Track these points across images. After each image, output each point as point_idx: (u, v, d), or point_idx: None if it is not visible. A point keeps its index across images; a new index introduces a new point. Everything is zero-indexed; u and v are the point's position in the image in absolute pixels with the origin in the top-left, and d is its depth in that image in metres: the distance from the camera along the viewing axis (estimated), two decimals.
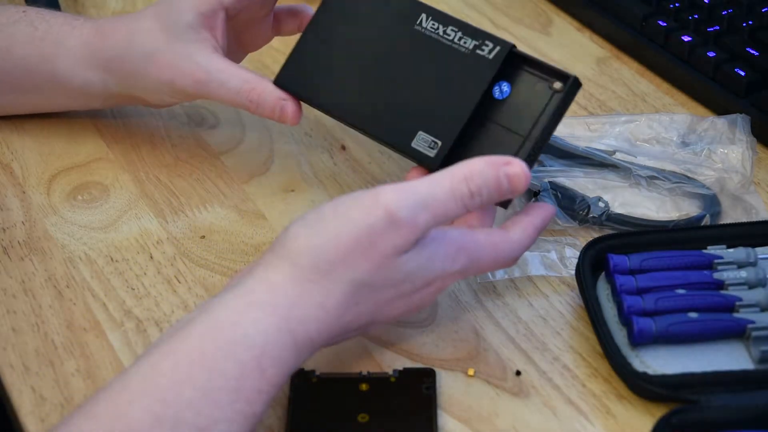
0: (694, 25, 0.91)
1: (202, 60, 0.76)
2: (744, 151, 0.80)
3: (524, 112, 0.66)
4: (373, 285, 0.60)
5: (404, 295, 0.61)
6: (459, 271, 0.62)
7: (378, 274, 0.59)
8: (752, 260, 0.69)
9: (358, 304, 0.60)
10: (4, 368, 0.67)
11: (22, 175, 0.82)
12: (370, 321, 0.62)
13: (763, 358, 0.64)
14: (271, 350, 0.57)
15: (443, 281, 0.62)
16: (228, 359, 0.56)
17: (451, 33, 0.70)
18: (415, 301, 0.62)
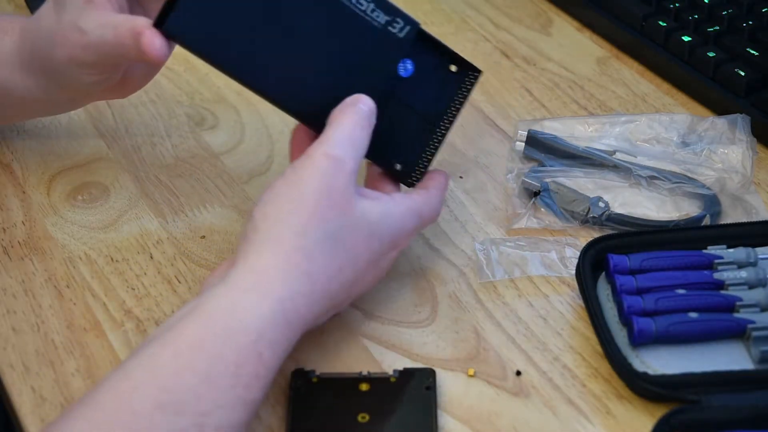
0: (694, 25, 0.91)
1: (84, 23, 0.68)
2: (744, 151, 0.80)
3: (427, 94, 0.71)
4: (345, 237, 0.63)
5: (374, 257, 0.65)
6: (411, 230, 0.67)
7: (346, 221, 0.63)
8: (752, 260, 0.69)
9: (342, 271, 0.63)
10: (4, 368, 0.67)
11: (22, 175, 0.82)
12: (351, 289, 0.64)
13: (763, 358, 0.64)
14: (267, 334, 0.58)
15: (402, 242, 0.67)
16: (226, 345, 0.57)
17: (365, 3, 0.68)
18: (383, 265, 0.67)
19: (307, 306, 0.61)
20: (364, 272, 0.65)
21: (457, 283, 0.72)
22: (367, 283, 0.67)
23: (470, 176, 0.81)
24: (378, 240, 0.65)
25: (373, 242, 0.64)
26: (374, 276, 0.67)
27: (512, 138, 0.83)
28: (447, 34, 0.98)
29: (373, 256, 0.65)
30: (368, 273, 0.66)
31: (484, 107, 0.89)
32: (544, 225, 0.76)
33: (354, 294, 0.66)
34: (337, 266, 0.62)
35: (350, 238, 0.63)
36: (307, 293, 0.61)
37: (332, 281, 0.62)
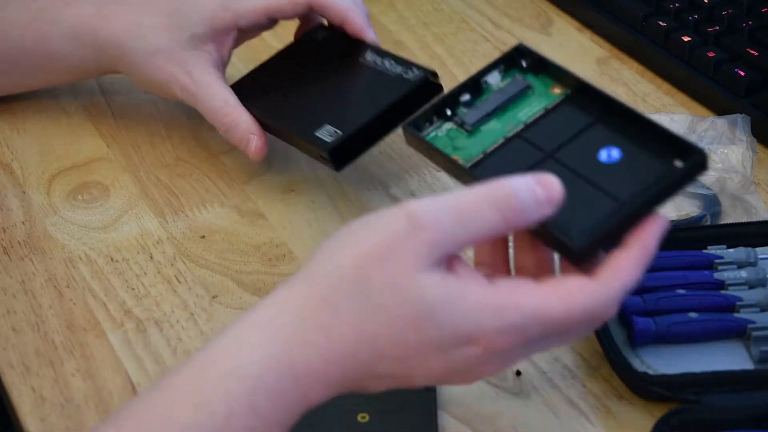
0: (694, 25, 0.91)
1: (196, 73, 0.79)
2: (744, 151, 0.80)
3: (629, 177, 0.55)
4: (387, 305, 0.51)
5: (431, 342, 0.51)
6: (498, 328, 0.51)
7: (394, 289, 0.51)
8: (752, 260, 0.69)
9: (375, 340, 0.52)
10: (4, 368, 0.67)
11: (22, 175, 0.82)
12: (399, 367, 0.53)
13: (763, 358, 0.64)
14: (266, 382, 0.51)
15: (490, 342, 0.51)
16: (217, 393, 0.51)
17: (387, 63, 0.76)
18: (459, 360, 0.52)
19: (322, 362, 0.52)
20: (418, 355, 0.52)
21: None
22: (434, 373, 0.53)
23: None
24: (433, 325, 0.51)
25: (424, 323, 0.51)
26: (445, 368, 0.52)
27: None
28: (447, 34, 0.98)
29: (426, 339, 0.51)
30: (428, 359, 0.52)
31: None
32: None
33: (411, 374, 0.53)
34: (370, 333, 0.51)
35: (394, 308, 0.51)
36: (323, 347, 0.52)
37: (361, 346, 0.52)
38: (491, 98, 0.60)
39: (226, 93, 0.79)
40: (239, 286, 0.72)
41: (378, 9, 1.01)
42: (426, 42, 0.97)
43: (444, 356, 0.52)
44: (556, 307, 0.51)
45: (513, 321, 0.51)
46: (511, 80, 0.60)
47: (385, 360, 0.52)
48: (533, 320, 0.51)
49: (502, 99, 0.59)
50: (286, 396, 0.52)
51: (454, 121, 0.60)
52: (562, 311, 0.51)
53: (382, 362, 0.52)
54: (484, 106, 0.60)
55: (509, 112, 0.59)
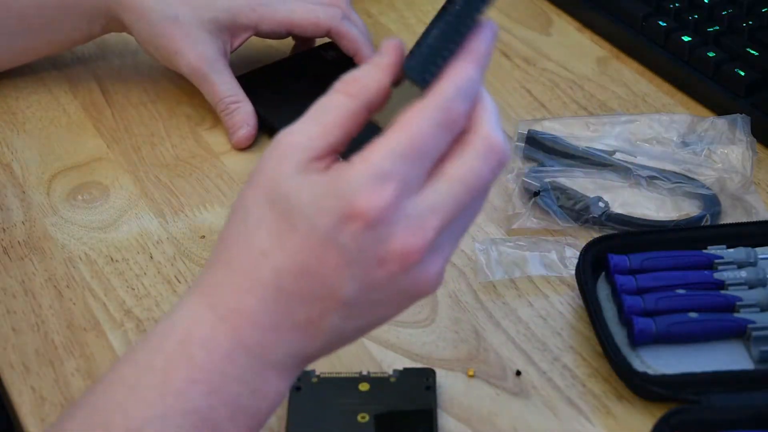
0: (694, 25, 0.91)
1: (210, 54, 0.83)
2: (744, 151, 0.80)
3: None
4: (266, 226, 0.51)
5: (323, 241, 0.51)
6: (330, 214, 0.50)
7: (261, 198, 0.52)
8: (752, 260, 0.69)
9: (268, 257, 0.52)
10: (4, 368, 0.67)
11: (22, 175, 0.82)
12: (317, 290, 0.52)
13: (763, 358, 0.64)
14: (195, 331, 0.52)
15: (369, 202, 0.50)
16: (156, 352, 0.53)
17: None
18: (357, 251, 0.51)
19: (237, 296, 0.52)
20: (318, 262, 0.51)
21: (457, 283, 0.72)
22: (352, 284, 0.52)
23: None
24: (298, 218, 0.51)
25: (293, 221, 0.51)
26: (354, 272, 0.51)
27: (512, 138, 0.83)
28: None
29: (313, 239, 0.51)
30: (328, 260, 0.51)
31: None
32: (544, 225, 0.76)
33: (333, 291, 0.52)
34: (258, 248, 0.52)
35: (266, 216, 0.52)
36: (228, 280, 0.53)
37: (262, 270, 0.52)
38: None
39: (232, 80, 0.84)
40: None
41: (378, 9, 1.01)
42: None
43: (336, 248, 0.51)
44: (403, 133, 0.50)
45: (377, 169, 0.50)
46: None
47: (287, 275, 0.52)
48: (392, 156, 0.50)
49: None
50: (217, 341, 0.52)
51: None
52: (408, 134, 0.50)
53: (287, 279, 0.52)
54: None
55: None
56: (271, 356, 0.53)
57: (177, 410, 0.52)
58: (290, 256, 0.52)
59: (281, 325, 0.53)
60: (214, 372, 0.52)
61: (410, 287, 0.53)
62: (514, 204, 0.77)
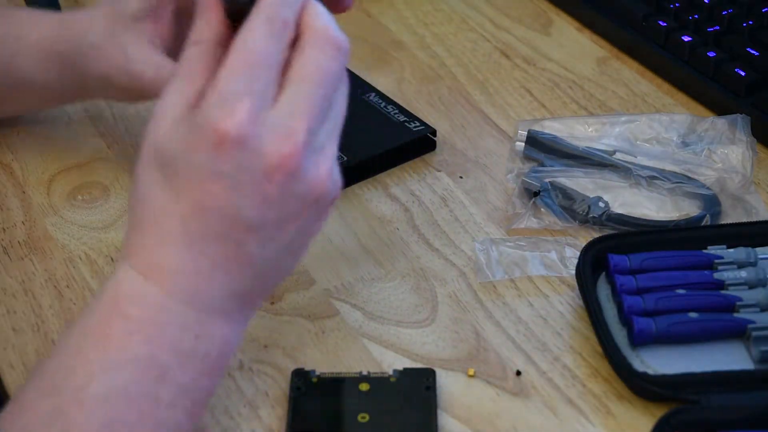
0: (694, 25, 0.91)
1: (132, 52, 0.73)
2: (744, 151, 0.80)
3: None
4: (147, 172, 0.55)
5: (199, 169, 0.53)
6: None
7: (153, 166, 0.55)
8: (752, 260, 0.69)
9: (164, 207, 0.54)
10: (4, 368, 0.67)
11: (22, 175, 0.82)
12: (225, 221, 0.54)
13: (763, 358, 0.64)
14: (125, 292, 0.55)
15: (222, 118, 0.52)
16: (90, 316, 0.55)
17: (390, 109, 0.84)
18: (229, 167, 0.53)
19: (153, 252, 0.55)
20: (208, 198, 0.54)
21: (457, 283, 0.72)
22: (250, 209, 0.54)
23: (470, 176, 0.81)
24: (173, 163, 0.54)
25: (170, 168, 0.55)
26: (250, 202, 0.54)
27: (512, 138, 0.83)
28: (447, 34, 0.98)
29: (187, 177, 0.54)
30: (217, 195, 0.54)
31: (484, 107, 0.89)
32: (544, 225, 0.76)
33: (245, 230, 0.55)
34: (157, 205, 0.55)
35: (150, 172, 0.56)
36: (141, 240, 0.55)
37: (163, 221, 0.55)
38: None
39: (158, 59, 0.72)
40: None
41: (378, 9, 1.01)
42: (426, 42, 0.97)
43: (221, 177, 0.53)
44: (238, 52, 0.53)
45: (224, 91, 0.52)
46: None
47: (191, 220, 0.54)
48: (234, 76, 0.52)
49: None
50: (146, 296, 0.55)
51: None
52: (243, 52, 0.53)
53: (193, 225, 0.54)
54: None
55: None
56: (203, 300, 0.56)
57: (120, 361, 0.54)
58: (185, 199, 0.54)
59: (202, 267, 0.55)
60: (149, 323, 0.55)
61: (307, 193, 0.55)
62: (514, 204, 0.77)
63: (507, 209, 0.78)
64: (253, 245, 0.55)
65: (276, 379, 0.65)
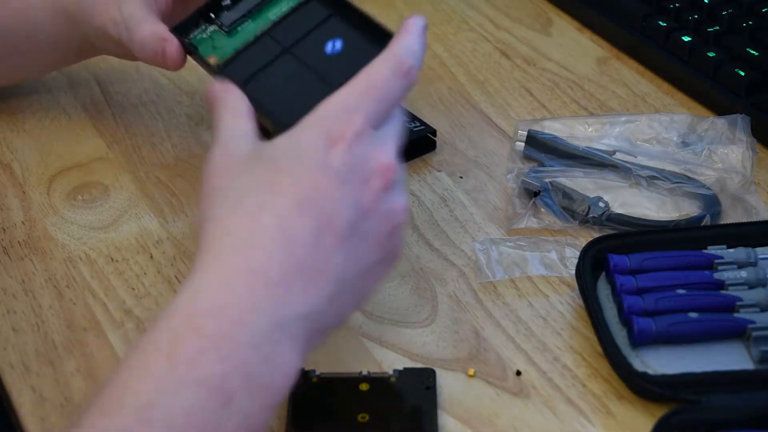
0: (694, 25, 0.91)
1: (126, 8, 0.74)
2: (744, 152, 0.80)
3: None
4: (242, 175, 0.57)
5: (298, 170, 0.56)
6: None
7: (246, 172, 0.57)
8: (752, 260, 0.69)
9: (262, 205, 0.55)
10: (4, 368, 0.67)
11: (22, 175, 0.82)
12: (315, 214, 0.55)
13: (763, 358, 0.64)
14: (199, 302, 0.54)
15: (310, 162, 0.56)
16: (162, 330, 0.53)
17: None
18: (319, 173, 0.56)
19: (241, 255, 0.55)
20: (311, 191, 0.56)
21: (457, 283, 0.72)
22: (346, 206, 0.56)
23: (470, 176, 0.81)
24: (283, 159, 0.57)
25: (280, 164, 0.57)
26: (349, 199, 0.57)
27: (512, 138, 0.83)
28: (447, 34, 0.98)
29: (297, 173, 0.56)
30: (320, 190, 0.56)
31: (484, 107, 0.89)
32: (544, 225, 0.76)
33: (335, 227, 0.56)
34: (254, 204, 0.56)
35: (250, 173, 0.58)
36: (229, 245, 0.55)
37: (260, 219, 0.55)
38: (247, 1, 0.66)
39: (155, 24, 0.73)
40: None
41: (378, 9, 1.01)
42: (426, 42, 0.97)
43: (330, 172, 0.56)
44: (363, 78, 0.60)
45: (345, 104, 0.58)
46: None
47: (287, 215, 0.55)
48: (356, 95, 0.59)
49: (256, 1, 0.66)
50: (224, 307, 0.53)
51: (216, 23, 0.66)
52: (367, 78, 0.60)
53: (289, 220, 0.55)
54: (240, 8, 0.66)
55: (263, 13, 0.65)
56: (281, 314, 0.54)
57: (188, 381, 0.51)
58: (286, 195, 0.56)
59: (288, 274, 0.54)
60: (223, 338, 0.52)
61: (390, 214, 0.58)
62: (514, 204, 0.77)
63: (507, 209, 0.78)
64: (339, 256, 0.56)
65: None
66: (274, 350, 0.54)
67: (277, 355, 0.54)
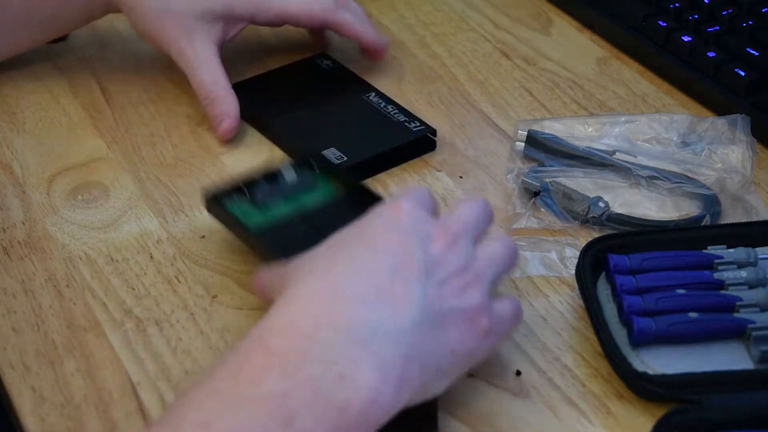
0: (694, 25, 0.91)
1: (198, 44, 0.83)
2: (744, 152, 0.80)
3: None
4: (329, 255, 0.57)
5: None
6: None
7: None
8: (752, 260, 0.69)
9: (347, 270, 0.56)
10: (4, 368, 0.67)
11: (22, 174, 0.82)
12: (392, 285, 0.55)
13: (763, 358, 0.64)
14: (271, 323, 0.53)
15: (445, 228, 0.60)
16: (230, 353, 0.53)
17: (390, 109, 0.84)
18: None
19: (317, 282, 0.55)
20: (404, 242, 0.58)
21: None
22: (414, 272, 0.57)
23: (470, 176, 0.81)
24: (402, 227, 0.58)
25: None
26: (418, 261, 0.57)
27: (512, 138, 0.83)
28: (447, 34, 0.98)
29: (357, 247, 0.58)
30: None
31: (484, 107, 0.89)
32: (544, 225, 0.76)
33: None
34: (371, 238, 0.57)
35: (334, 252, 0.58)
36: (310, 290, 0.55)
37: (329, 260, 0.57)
38: (282, 186, 0.72)
39: (219, 70, 0.84)
40: (239, 286, 0.72)
41: (378, 9, 1.01)
42: (426, 42, 0.97)
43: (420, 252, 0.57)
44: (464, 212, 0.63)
45: (452, 230, 0.60)
46: (301, 175, 0.73)
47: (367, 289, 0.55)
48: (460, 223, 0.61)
49: (290, 188, 0.72)
50: (297, 324, 0.53)
51: (250, 198, 0.72)
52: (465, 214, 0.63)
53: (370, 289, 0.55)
54: (275, 191, 0.72)
55: (295, 199, 0.71)
56: (361, 330, 0.52)
57: (249, 397, 0.50)
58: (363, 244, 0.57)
59: (369, 294, 0.54)
60: (290, 353, 0.51)
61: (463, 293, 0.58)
62: (514, 204, 0.77)
63: (507, 209, 0.78)
64: (418, 287, 0.55)
65: None
66: (351, 369, 0.51)
67: (356, 375, 0.51)
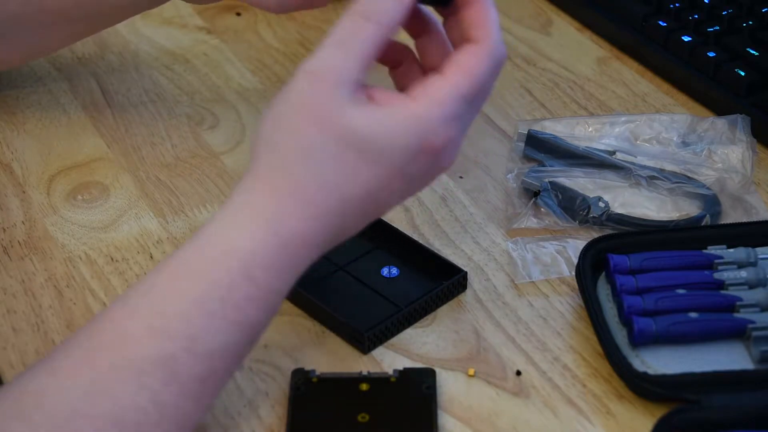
0: (694, 25, 0.91)
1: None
2: (744, 151, 0.80)
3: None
4: (332, 152, 0.57)
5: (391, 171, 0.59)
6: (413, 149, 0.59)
7: (329, 136, 0.57)
8: (752, 260, 0.69)
9: (338, 186, 0.58)
10: (4, 368, 0.67)
11: (22, 174, 0.82)
12: (367, 203, 0.59)
13: (763, 358, 0.64)
14: (258, 256, 0.57)
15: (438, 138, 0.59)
16: (217, 269, 0.57)
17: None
18: (416, 171, 0.60)
19: (302, 224, 0.58)
20: (379, 184, 0.59)
21: None
22: (398, 193, 0.61)
23: (470, 176, 0.81)
24: (379, 152, 0.58)
25: (370, 155, 0.58)
26: (406, 184, 0.60)
27: (512, 138, 0.83)
28: None
29: (380, 168, 0.58)
30: (390, 184, 0.59)
31: (484, 107, 0.89)
32: (544, 225, 0.76)
33: (379, 205, 0.61)
34: (332, 182, 0.58)
35: (339, 152, 0.58)
36: (297, 211, 0.58)
37: (330, 197, 0.58)
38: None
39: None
40: None
41: None
42: None
43: (402, 175, 0.59)
44: (468, 78, 0.60)
45: (450, 112, 0.59)
46: None
47: (351, 201, 0.58)
48: (461, 101, 0.59)
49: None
50: (279, 263, 0.58)
51: None
52: (472, 80, 0.60)
53: (351, 204, 0.59)
54: None
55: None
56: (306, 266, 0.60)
57: (235, 323, 0.57)
58: (360, 185, 0.58)
59: (331, 242, 0.60)
60: (274, 289, 0.58)
61: (435, 170, 0.61)
62: (514, 204, 0.77)
63: (507, 209, 0.78)
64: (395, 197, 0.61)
65: (276, 379, 0.65)
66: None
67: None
